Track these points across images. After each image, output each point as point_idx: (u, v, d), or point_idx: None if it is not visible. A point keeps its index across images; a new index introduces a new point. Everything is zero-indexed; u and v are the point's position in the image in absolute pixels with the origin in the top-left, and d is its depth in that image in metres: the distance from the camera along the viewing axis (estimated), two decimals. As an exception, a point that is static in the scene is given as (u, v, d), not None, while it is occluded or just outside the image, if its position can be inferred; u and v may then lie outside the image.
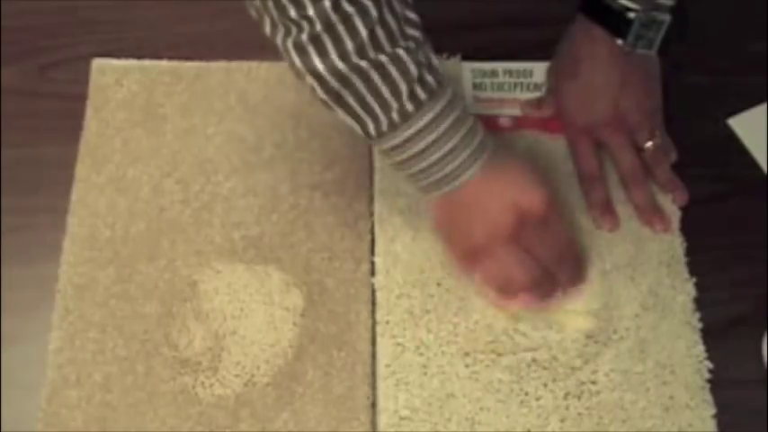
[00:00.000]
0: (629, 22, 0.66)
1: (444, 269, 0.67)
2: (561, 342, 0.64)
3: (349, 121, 0.58)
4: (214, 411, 0.63)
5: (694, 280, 0.68)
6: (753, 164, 0.73)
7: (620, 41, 0.67)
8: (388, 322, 0.65)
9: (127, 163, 0.72)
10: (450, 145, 0.58)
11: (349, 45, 0.54)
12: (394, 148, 0.58)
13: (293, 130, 0.74)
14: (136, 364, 0.64)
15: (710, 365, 0.64)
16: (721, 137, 0.75)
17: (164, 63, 0.77)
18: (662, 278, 0.67)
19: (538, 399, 0.63)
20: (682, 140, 0.73)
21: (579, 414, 0.62)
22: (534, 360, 0.64)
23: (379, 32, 0.54)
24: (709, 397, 0.63)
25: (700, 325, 0.66)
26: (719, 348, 0.66)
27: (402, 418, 0.62)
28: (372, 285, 0.67)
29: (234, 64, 0.77)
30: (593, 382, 0.63)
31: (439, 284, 0.67)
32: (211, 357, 0.64)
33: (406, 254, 0.68)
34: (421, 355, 0.64)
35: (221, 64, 0.77)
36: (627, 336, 0.65)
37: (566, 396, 0.63)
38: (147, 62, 0.76)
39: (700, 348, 0.65)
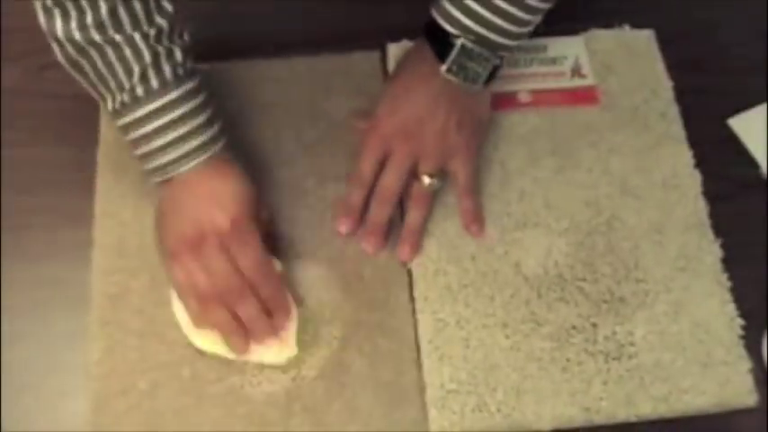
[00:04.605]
0: (452, 47, 0.64)
1: (476, 243, 0.68)
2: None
3: (93, 93, 0.61)
4: (265, 409, 0.62)
5: (720, 241, 0.69)
6: (753, 164, 0.73)
7: (441, 66, 0.65)
8: (426, 299, 0.66)
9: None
10: (167, 138, 0.60)
11: (89, 18, 0.57)
12: (125, 127, 0.61)
13: (310, 124, 0.74)
14: (181, 368, 0.63)
15: (743, 323, 0.66)
16: (721, 137, 0.75)
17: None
18: (689, 241, 0.69)
19: (579, 364, 0.64)
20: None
21: (620, 376, 0.64)
22: (574, 327, 0.65)
23: (122, 12, 0.58)
24: (744, 353, 0.65)
25: (729, 284, 0.68)
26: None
27: (449, 392, 0.63)
28: (408, 267, 0.68)
29: (242, 63, 0.76)
30: (632, 344, 0.65)
31: (473, 258, 0.68)
32: (257, 355, 0.64)
33: (438, 231, 0.69)
34: (462, 328, 0.65)
35: (227, 65, 0.76)
36: (659, 298, 0.66)
37: (606, 359, 0.64)
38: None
39: (731, 306, 0.67)
